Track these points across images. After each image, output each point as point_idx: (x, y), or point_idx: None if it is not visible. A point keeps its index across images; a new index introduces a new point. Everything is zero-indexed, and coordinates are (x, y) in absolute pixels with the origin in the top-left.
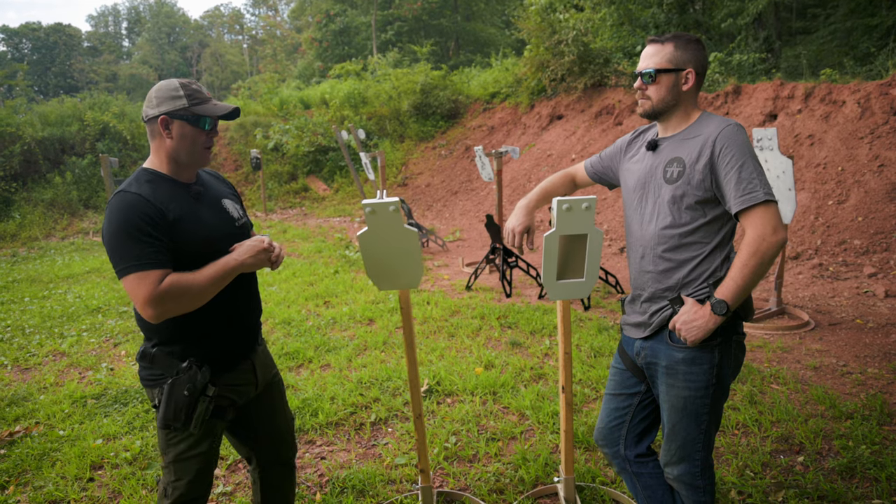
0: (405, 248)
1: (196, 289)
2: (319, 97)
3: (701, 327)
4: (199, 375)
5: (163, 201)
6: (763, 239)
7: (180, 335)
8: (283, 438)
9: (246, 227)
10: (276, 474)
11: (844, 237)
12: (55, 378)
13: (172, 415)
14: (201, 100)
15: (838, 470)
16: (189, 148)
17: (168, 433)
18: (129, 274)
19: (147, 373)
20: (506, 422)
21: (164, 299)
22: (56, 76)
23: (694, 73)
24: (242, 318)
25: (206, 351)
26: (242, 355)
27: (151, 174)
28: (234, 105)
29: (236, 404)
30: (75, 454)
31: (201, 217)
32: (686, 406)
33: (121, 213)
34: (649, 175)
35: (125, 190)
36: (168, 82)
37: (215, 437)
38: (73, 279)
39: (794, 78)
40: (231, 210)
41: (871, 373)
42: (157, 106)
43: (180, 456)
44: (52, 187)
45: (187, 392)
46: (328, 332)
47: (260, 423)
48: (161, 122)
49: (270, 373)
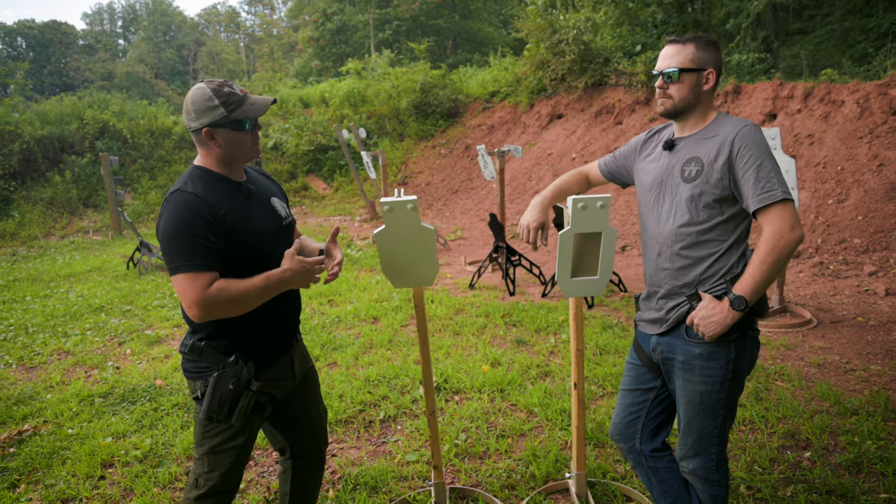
0: (421, 246)
1: (242, 298)
2: (319, 96)
3: (719, 322)
4: (245, 370)
5: (217, 201)
6: (781, 236)
7: (227, 330)
8: (316, 430)
9: (292, 225)
10: (308, 465)
11: (844, 236)
12: (61, 377)
13: (217, 407)
14: (237, 102)
15: (845, 465)
16: (238, 151)
17: (207, 424)
18: (180, 273)
19: (192, 365)
20: (514, 419)
21: (211, 303)
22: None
23: (714, 73)
24: (286, 315)
25: (251, 346)
26: (283, 351)
27: (205, 173)
28: (270, 97)
29: (275, 399)
30: (85, 452)
31: (253, 215)
32: (702, 401)
33: (179, 212)
34: (666, 174)
35: (182, 189)
36: (201, 92)
37: (253, 431)
38: (74, 278)
39: (793, 78)
40: (279, 208)
41: (874, 370)
42: (198, 119)
43: (216, 448)
44: (51, 186)
45: (232, 386)
46: (333, 330)
47: (296, 414)
48: (206, 134)
49: (307, 366)
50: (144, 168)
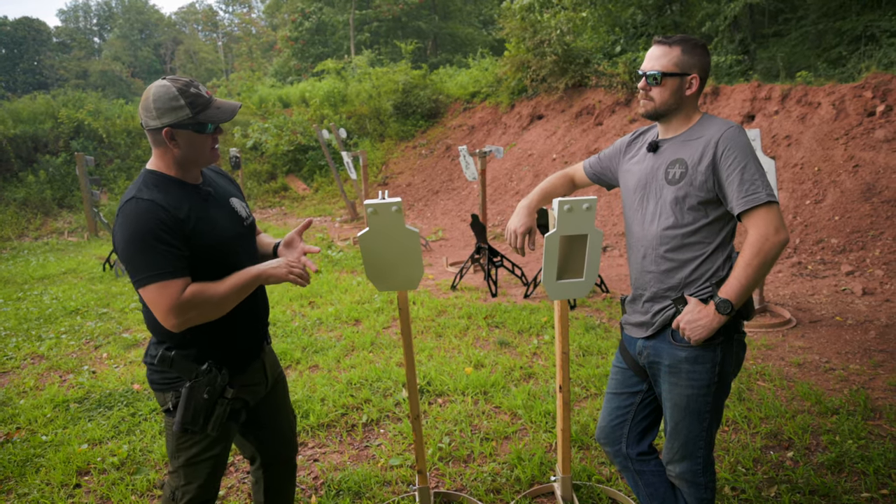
0: (406, 248)
1: (218, 299)
2: (299, 96)
3: (705, 326)
4: (219, 378)
5: (176, 206)
6: (766, 239)
7: (196, 338)
8: (286, 437)
9: (253, 225)
10: (279, 473)
11: (822, 236)
12: (35, 382)
13: (191, 418)
14: (203, 105)
15: (827, 465)
16: (197, 154)
17: (181, 436)
18: (149, 284)
19: (159, 376)
20: (498, 421)
21: (187, 309)
22: (25, 72)
23: (698, 78)
24: (254, 317)
25: (222, 352)
26: (254, 355)
27: (159, 177)
28: (237, 103)
29: (248, 405)
30: (60, 460)
31: (212, 218)
32: (689, 404)
33: (136, 221)
34: (650, 176)
35: (137, 196)
36: (165, 89)
37: (229, 439)
38: (48, 280)
39: (770, 79)
40: (239, 209)
41: (853, 369)
42: (159, 118)
43: (192, 459)
44: (24, 186)
45: (207, 395)
46: (315, 332)
47: (267, 421)
48: (165, 134)
49: (277, 370)
50: (121, 168)
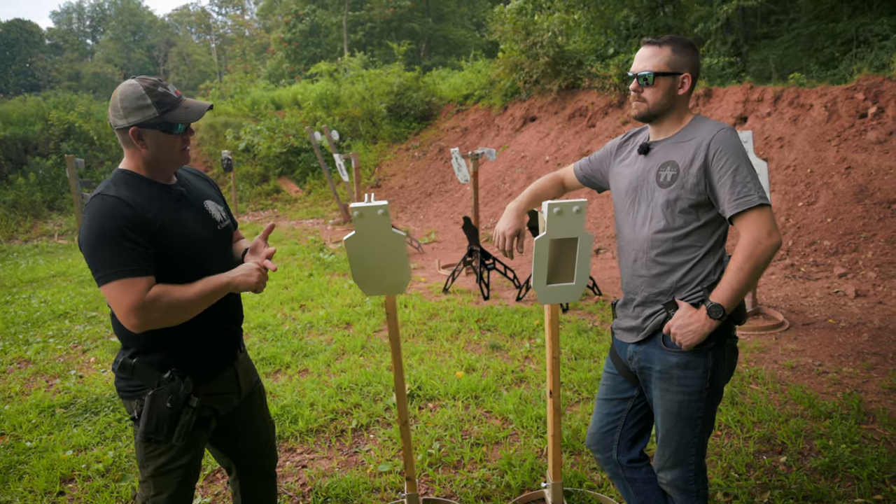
0: (392, 252)
1: (183, 303)
2: (291, 98)
3: (696, 331)
4: (182, 386)
5: (143, 205)
6: (758, 242)
7: (161, 344)
8: (263, 447)
9: (229, 229)
10: (257, 484)
11: (815, 238)
12: (21, 387)
13: (154, 427)
14: (171, 104)
15: (820, 469)
16: (166, 154)
17: (148, 446)
18: (112, 281)
19: (125, 384)
20: (489, 426)
21: (150, 310)
22: (17, 74)
23: (690, 77)
24: (225, 325)
25: (188, 360)
26: (225, 363)
27: (129, 176)
28: (207, 103)
29: (219, 414)
30: (44, 466)
31: (183, 220)
32: (680, 410)
33: (101, 218)
34: (642, 179)
35: (104, 193)
36: (132, 88)
37: (198, 448)
38: (37, 283)
39: (762, 81)
40: (213, 212)
41: (846, 372)
42: (126, 117)
43: (160, 469)
44: (14, 188)
45: (170, 404)
46: (305, 336)
47: (241, 431)
48: (133, 134)
49: (252, 380)
50: (112, 170)
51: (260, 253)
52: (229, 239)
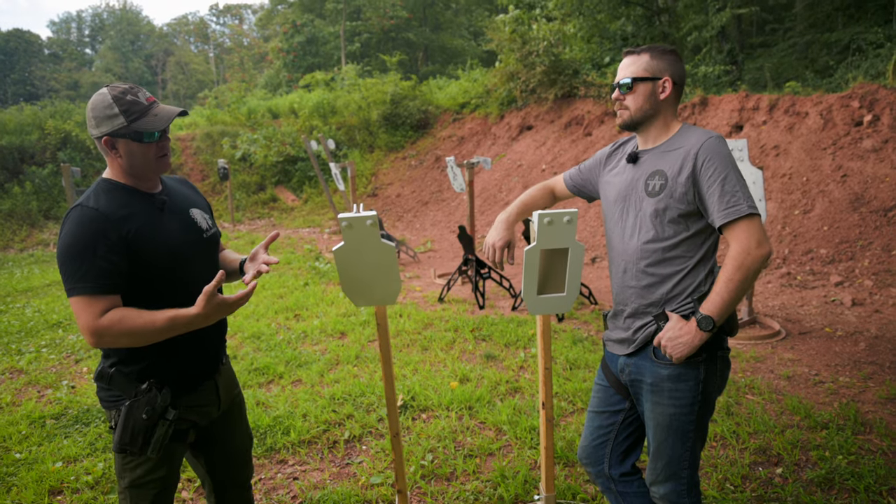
0: (382, 263)
1: (140, 332)
2: (288, 107)
3: (687, 343)
4: (159, 398)
5: (123, 215)
6: (748, 253)
7: (140, 355)
8: (240, 460)
9: (214, 238)
10: (233, 497)
11: (811, 246)
12: (12, 397)
13: (129, 439)
14: (139, 113)
15: (817, 481)
16: (141, 163)
17: (124, 457)
18: (76, 296)
19: (105, 393)
20: (483, 437)
21: (104, 334)
22: (15, 83)
23: (671, 81)
24: (207, 337)
25: (168, 372)
26: (206, 375)
27: (111, 185)
28: (178, 109)
29: (198, 426)
30: (32, 479)
31: (166, 228)
32: (672, 423)
33: (77, 230)
34: (630, 188)
35: (83, 204)
36: (101, 98)
37: (175, 461)
38: (31, 292)
39: (757, 90)
40: (199, 220)
41: (843, 381)
42: (98, 127)
43: (136, 481)
44: (10, 197)
45: (146, 415)
46: (299, 346)
47: (218, 443)
48: (105, 143)
49: (233, 392)
50: None
51: (258, 261)
52: (215, 248)
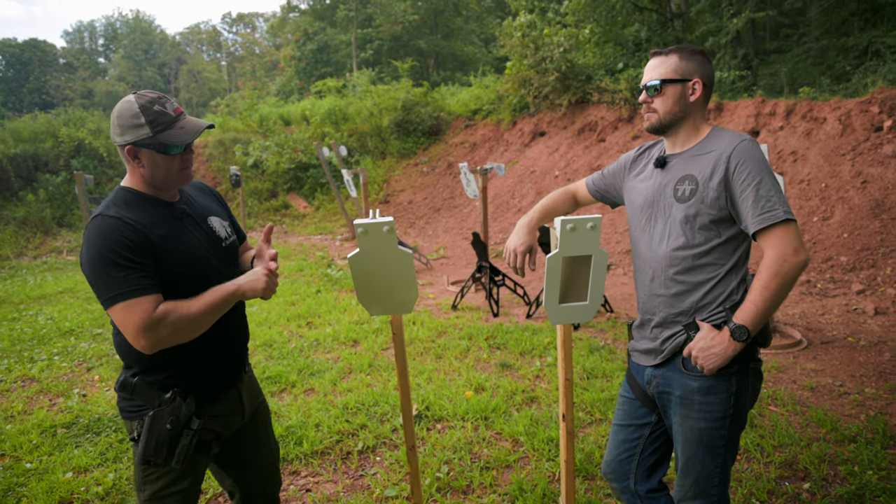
0: (399, 270)
1: (192, 317)
2: (300, 114)
3: (719, 354)
4: (184, 407)
5: (144, 223)
6: (784, 260)
7: (164, 364)
8: (267, 471)
9: (234, 246)
10: None
11: (831, 254)
12: (24, 406)
13: (153, 450)
14: (166, 124)
15: (847, 497)
16: (164, 175)
17: (146, 469)
18: (117, 303)
19: (127, 404)
20: (499, 449)
21: (159, 328)
22: (31, 92)
23: (701, 83)
24: (230, 344)
25: (191, 381)
26: (229, 384)
27: (130, 194)
28: (206, 123)
29: (221, 437)
30: (42, 489)
31: (185, 238)
32: (701, 438)
33: (101, 239)
34: (658, 193)
35: (103, 213)
36: (129, 106)
37: (198, 473)
38: (45, 300)
39: (773, 95)
40: (217, 229)
41: (869, 393)
42: (122, 135)
43: (157, 493)
44: (24, 205)
45: (170, 426)
46: (311, 354)
47: (244, 454)
48: (128, 152)
49: (257, 401)
50: None
51: (264, 256)
52: (235, 255)
